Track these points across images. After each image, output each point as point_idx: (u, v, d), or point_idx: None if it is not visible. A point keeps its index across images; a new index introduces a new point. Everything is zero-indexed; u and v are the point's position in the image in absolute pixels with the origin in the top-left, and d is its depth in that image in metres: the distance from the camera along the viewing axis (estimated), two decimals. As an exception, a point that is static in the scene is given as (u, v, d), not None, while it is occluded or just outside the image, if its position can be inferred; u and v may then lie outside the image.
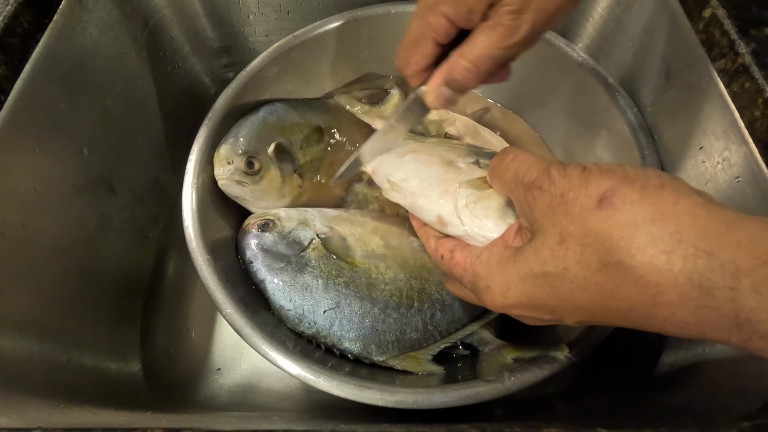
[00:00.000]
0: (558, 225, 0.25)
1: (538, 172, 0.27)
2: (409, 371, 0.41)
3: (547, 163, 0.27)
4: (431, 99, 0.34)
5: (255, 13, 0.58)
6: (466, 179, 0.34)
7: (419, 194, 0.36)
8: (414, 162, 0.39)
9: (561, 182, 0.25)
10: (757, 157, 0.33)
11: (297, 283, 0.42)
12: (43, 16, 0.40)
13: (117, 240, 0.49)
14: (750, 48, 0.34)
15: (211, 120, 0.47)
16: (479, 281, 0.29)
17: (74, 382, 0.40)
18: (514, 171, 0.29)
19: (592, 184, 0.24)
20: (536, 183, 0.26)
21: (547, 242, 0.25)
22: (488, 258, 0.29)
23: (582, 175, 0.25)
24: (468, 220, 0.32)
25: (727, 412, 0.29)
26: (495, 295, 0.28)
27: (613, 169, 0.25)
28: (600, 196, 0.24)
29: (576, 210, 0.24)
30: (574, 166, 0.26)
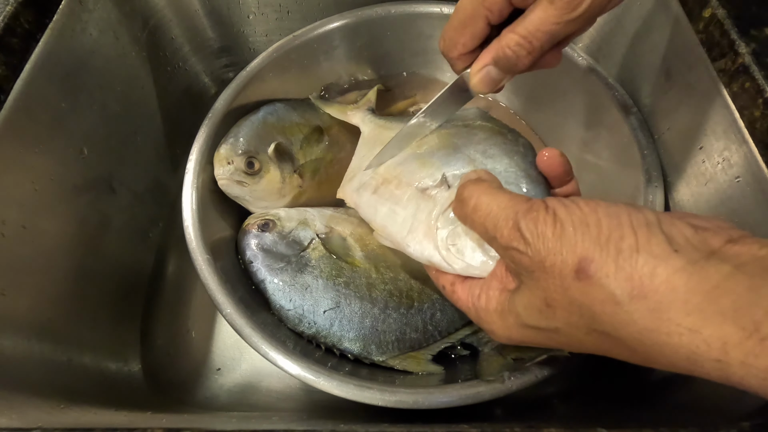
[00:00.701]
0: (542, 288, 0.25)
1: (508, 230, 0.26)
2: (409, 371, 0.40)
3: (512, 213, 0.26)
4: (476, 81, 0.31)
5: (255, 13, 0.58)
6: (440, 214, 0.33)
7: (403, 243, 0.35)
8: (387, 202, 0.37)
9: (536, 245, 0.24)
10: (757, 157, 0.33)
11: (297, 283, 0.42)
12: (43, 16, 0.40)
13: (117, 240, 0.49)
14: (750, 48, 0.34)
15: (211, 120, 0.47)
16: (483, 323, 0.29)
17: (74, 382, 0.40)
18: (481, 225, 0.28)
19: (566, 248, 0.23)
20: (511, 244, 0.25)
21: (535, 302, 0.25)
22: (487, 302, 0.29)
23: (554, 233, 0.24)
24: (454, 262, 0.31)
25: (727, 412, 0.29)
26: (500, 336, 0.29)
27: (586, 221, 0.23)
28: (576, 265, 0.23)
29: (556, 279, 0.24)
30: (543, 220, 0.24)
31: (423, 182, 0.36)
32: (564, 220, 0.24)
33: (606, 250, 0.22)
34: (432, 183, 0.36)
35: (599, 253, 0.22)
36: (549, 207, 0.25)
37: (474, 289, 0.30)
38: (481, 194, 0.28)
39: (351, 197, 0.41)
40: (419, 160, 0.38)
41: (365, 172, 0.41)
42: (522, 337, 0.27)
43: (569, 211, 0.24)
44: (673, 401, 0.36)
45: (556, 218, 0.24)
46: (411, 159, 0.38)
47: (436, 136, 0.39)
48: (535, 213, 0.25)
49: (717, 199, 0.38)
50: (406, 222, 0.35)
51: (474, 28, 0.30)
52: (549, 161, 0.33)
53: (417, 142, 0.39)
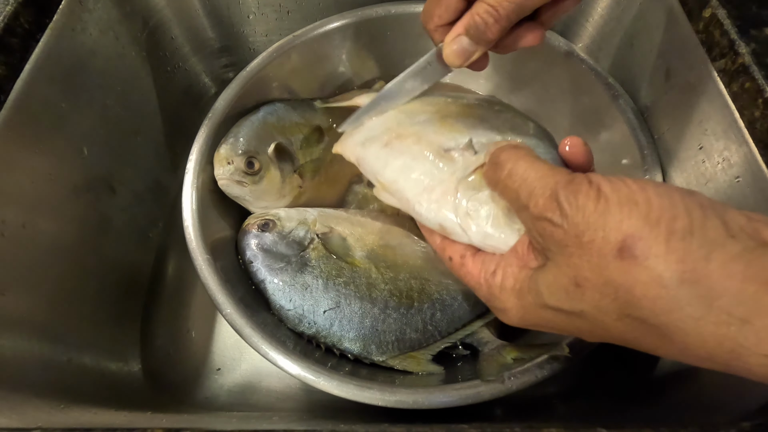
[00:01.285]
0: (573, 266, 0.23)
1: (544, 200, 0.24)
2: (409, 371, 0.40)
3: (552, 183, 0.24)
4: (449, 51, 0.32)
5: (255, 13, 0.58)
6: (463, 178, 0.31)
7: (414, 200, 0.32)
8: (401, 155, 0.34)
9: (575, 219, 0.22)
10: (757, 157, 0.33)
11: (297, 283, 0.42)
12: (43, 16, 0.40)
13: (117, 240, 0.49)
14: (750, 48, 0.34)
15: (211, 120, 0.47)
16: (495, 301, 0.28)
17: (74, 382, 0.40)
18: (514, 191, 0.26)
19: (610, 224, 0.21)
20: (545, 215, 0.23)
21: (562, 281, 0.23)
22: (503, 279, 0.27)
23: (597, 208, 0.22)
24: (472, 231, 0.29)
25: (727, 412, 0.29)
26: (512, 317, 0.27)
27: (634, 199, 0.22)
28: (620, 243, 0.21)
29: (593, 257, 0.22)
30: (585, 192, 0.22)
31: (446, 143, 0.33)
32: (609, 195, 0.22)
33: (657, 230, 0.21)
34: (456, 145, 0.33)
35: (649, 231, 0.21)
36: (593, 182, 0.23)
37: (488, 264, 0.28)
38: (519, 159, 0.26)
39: (352, 150, 0.38)
40: (442, 122, 0.35)
41: (370, 127, 0.38)
42: (537, 320, 0.26)
43: (615, 187, 0.22)
44: (673, 401, 0.36)
45: (600, 193, 0.22)
46: (432, 120, 0.35)
47: (457, 105, 0.37)
48: (576, 185, 0.23)
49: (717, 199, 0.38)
50: (422, 178, 0.32)
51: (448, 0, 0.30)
52: (572, 150, 0.31)
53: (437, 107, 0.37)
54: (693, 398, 0.35)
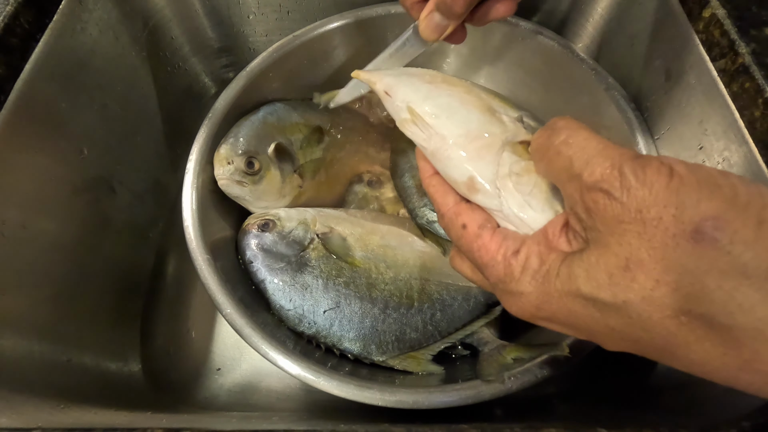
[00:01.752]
0: (626, 245, 0.19)
1: (603, 169, 0.20)
2: (409, 371, 0.41)
3: (617, 155, 0.20)
4: (423, 27, 0.33)
5: (255, 13, 0.58)
6: (511, 140, 0.28)
7: (451, 141, 0.28)
8: (447, 96, 0.31)
9: (639, 192, 0.19)
10: (757, 157, 0.33)
11: (297, 283, 0.42)
12: (43, 16, 0.40)
13: (117, 240, 0.49)
14: (750, 48, 0.34)
15: (211, 120, 0.47)
16: (511, 283, 0.24)
17: (74, 382, 0.40)
18: (567, 158, 0.22)
19: (686, 203, 0.18)
20: (601, 185, 0.20)
21: (607, 263, 0.20)
22: (527, 259, 0.23)
23: (670, 185, 0.19)
24: (508, 194, 0.26)
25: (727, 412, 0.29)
26: (525, 305, 0.23)
27: (717, 182, 0.18)
28: (696, 224, 0.18)
29: (657, 235, 0.18)
30: (656, 167, 0.19)
31: (495, 110, 0.30)
32: (685, 175, 0.19)
33: (744, 215, 0.18)
34: (505, 113, 0.30)
35: (735, 215, 0.18)
36: (664, 161, 0.19)
37: (511, 241, 0.25)
38: (580, 129, 0.23)
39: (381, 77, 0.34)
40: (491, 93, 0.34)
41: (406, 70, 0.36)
42: (556, 311, 0.22)
43: (692, 168, 0.19)
44: (673, 401, 0.36)
45: (673, 172, 0.19)
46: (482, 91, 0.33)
47: None
48: (646, 161, 0.20)
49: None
50: (467, 123, 0.29)
51: None
52: None
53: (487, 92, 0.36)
54: (693, 398, 0.35)
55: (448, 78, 0.33)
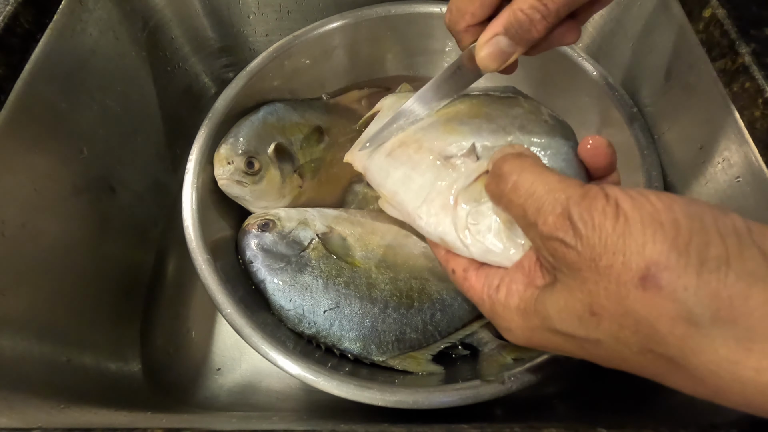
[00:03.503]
0: (587, 292, 0.20)
1: (554, 218, 0.21)
2: (409, 371, 0.40)
3: (563, 198, 0.21)
4: (484, 54, 0.27)
5: (255, 13, 0.58)
6: (463, 188, 0.29)
7: (414, 214, 0.31)
8: (402, 165, 0.33)
9: (590, 239, 0.20)
10: (757, 157, 0.33)
11: (297, 283, 0.42)
12: (43, 16, 0.40)
13: (117, 240, 0.49)
14: (750, 48, 0.34)
15: (211, 120, 0.47)
16: (499, 320, 0.26)
17: (74, 382, 0.40)
18: (520, 207, 0.23)
19: (631, 248, 0.19)
20: (556, 234, 0.21)
21: (574, 307, 0.21)
22: (507, 297, 0.25)
23: (616, 228, 0.19)
24: (473, 245, 0.27)
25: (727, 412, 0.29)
26: (517, 337, 0.25)
27: (659, 218, 0.19)
28: (642, 271, 0.18)
29: (612, 284, 0.19)
30: (602, 209, 0.20)
31: (447, 149, 0.31)
32: (629, 214, 0.19)
33: (686, 257, 0.18)
34: (458, 151, 0.31)
35: (677, 259, 0.18)
36: (610, 196, 0.20)
37: (492, 278, 0.26)
38: (523, 171, 0.24)
39: (360, 160, 0.37)
40: (446, 125, 0.33)
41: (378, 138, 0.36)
42: (545, 343, 0.24)
43: (636, 204, 0.20)
44: (673, 401, 0.36)
45: (618, 210, 0.20)
46: (435, 124, 0.33)
47: (465, 103, 0.34)
48: (591, 200, 0.20)
49: (717, 199, 0.38)
50: (422, 190, 0.31)
51: None
52: (593, 151, 0.28)
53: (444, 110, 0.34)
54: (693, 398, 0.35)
55: (404, 136, 0.34)
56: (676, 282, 0.18)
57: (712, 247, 0.18)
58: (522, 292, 0.24)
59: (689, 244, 0.18)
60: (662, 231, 0.19)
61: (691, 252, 0.18)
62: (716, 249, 0.18)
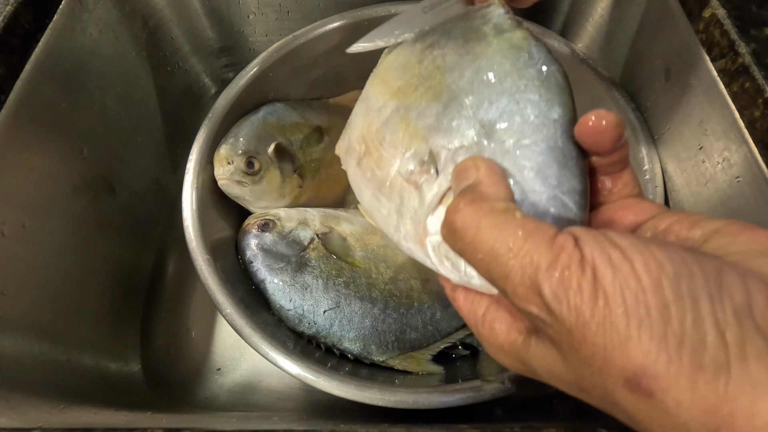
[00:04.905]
0: (572, 371, 0.18)
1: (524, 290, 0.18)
2: (409, 371, 0.41)
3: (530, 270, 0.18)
4: None
5: (255, 13, 0.58)
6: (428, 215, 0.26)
7: (393, 238, 0.28)
8: (370, 184, 0.30)
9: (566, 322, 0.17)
10: (757, 157, 0.33)
11: (297, 283, 0.42)
12: (43, 16, 0.40)
13: (117, 240, 0.49)
14: (750, 48, 0.34)
15: (211, 120, 0.47)
16: (484, 343, 0.24)
17: (74, 382, 0.40)
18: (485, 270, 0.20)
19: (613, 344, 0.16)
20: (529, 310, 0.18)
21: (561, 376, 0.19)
22: (490, 334, 0.23)
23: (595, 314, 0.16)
24: (452, 273, 0.25)
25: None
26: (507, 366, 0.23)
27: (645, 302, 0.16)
28: (629, 374, 0.16)
29: (596, 375, 0.17)
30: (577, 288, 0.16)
31: (407, 164, 0.27)
32: (610, 294, 0.16)
33: (678, 363, 0.15)
34: (416, 166, 0.26)
35: (667, 365, 0.15)
36: (586, 261, 0.17)
37: (477, 305, 0.24)
38: (481, 225, 0.20)
39: (343, 159, 0.34)
40: (404, 121, 0.28)
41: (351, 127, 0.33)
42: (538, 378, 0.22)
43: (618, 279, 0.16)
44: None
45: (597, 286, 0.16)
46: (395, 117, 0.29)
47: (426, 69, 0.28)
48: (563, 272, 0.17)
49: (717, 199, 0.38)
50: (390, 217, 0.28)
51: None
52: (595, 133, 0.23)
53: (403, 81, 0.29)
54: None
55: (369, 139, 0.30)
56: (667, 394, 0.15)
57: (710, 347, 0.15)
58: (505, 334, 0.22)
59: (682, 344, 0.15)
60: (649, 322, 0.15)
61: (684, 355, 0.15)
62: (714, 349, 0.15)
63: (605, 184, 0.25)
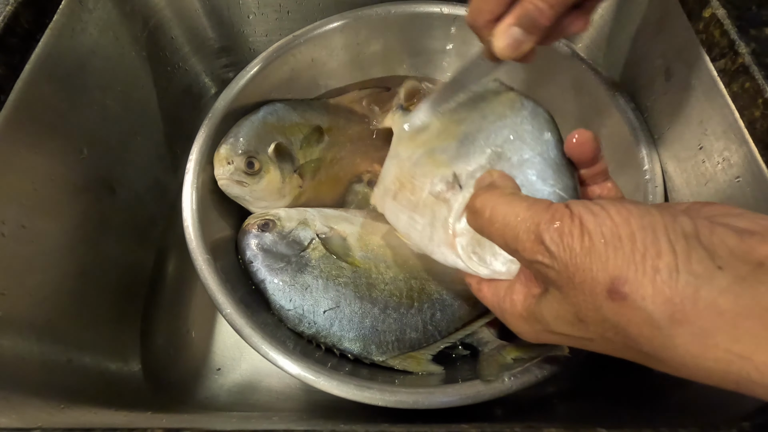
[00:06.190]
0: (571, 303, 0.23)
1: (531, 244, 0.24)
2: (409, 371, 0.41)
3: (533, 225, 0.24)
4: (501, 43, 0.30)
5: (255, 13, 0.58)
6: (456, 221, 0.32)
7: (427, 250, 0.35)
8: (406, 209, 0.36)
9: (563, 259, 0.23)
10: (757, 157, 0.33)
11: (297, 283, 0.42)
12: (43, 16, 0.40)
13: (117, 240, 0.49)
14: (750, 48, 0.34)
15: (211, 120, 0.47)
16: (510, 325, 0.29)
17: (74, 382, 0.40)
18: (500, 238, 0.26)
19: (597, 265, 0.22)
20: (535, 258, 0.24)
21: (565, 315, 0.24)
22: (511, 306, 0.29)
23: (583, 247, 0.22)
24: (479, 270, 0.31)
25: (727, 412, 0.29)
26: (527, 338, 0.29)
27: (618, 234, 0.21)
28: (608, 285, 0.21)
29: (587, 296, 0.22)
30: (569, 232, 0.23)
31: (435, 186, 0.35)
32: (593, 232, 0.22)
33: (642, 269, 0.20)
34: (444, 186, 0.34)
35: (634, 272, 0.21)
36: (574, 215, 0.23)
37: (499, 290, 0.30)
38: (495, 204, 0.27)
39: (378, 203, 0.41)
40: (430, 158, 0.36)
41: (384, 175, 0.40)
42: (551, 340, 0.27)
43: (598, 221, 0.22)
44: (672, 401, 0.36)
45: (583, 229, 0.22)
46: (423, 158, 0.36)
47: (442, 124, 0.37)
48: (558, 223, 0.23)
49: (717, 199, 0.38)
50: (425, 231, 0.35)
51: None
52: (579, 146, 0.31)
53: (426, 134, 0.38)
54: (693, 398, 0.35)
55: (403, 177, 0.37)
56: (635, 293, 0.20)
57: (664, 256, 0.20)
58: (522, 302, 0.28)
59: (645, 256, 0.21)
60: (620, 246, 0.21)
61: (647, 263, 0.21)
62: (667, 258, 0.20)
63: (594, 191, 0.33)
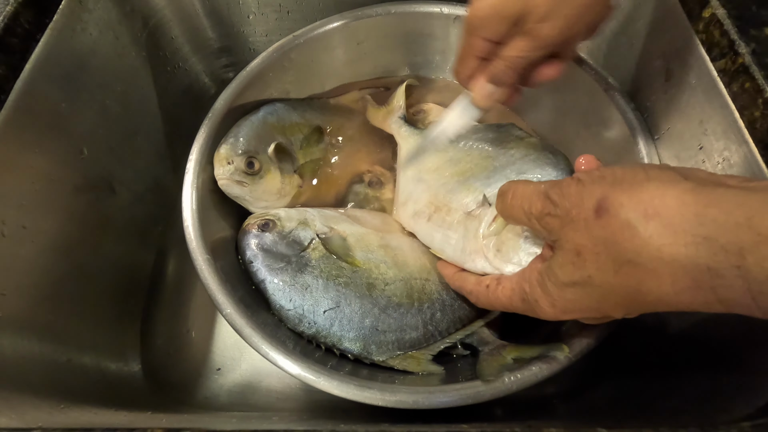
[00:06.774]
0: (571, 241, 0.27)
1: (540, 201, 0.29)
2: (409, 371, 0.40)
3: (543, 189, 0.30)
4: (477, 96, 0.39)
5: (255, 13, 0.58)
6: (486, 229, 0.38)
7: (460, 262, 0.40)
8: (440, 228, 0.42)
9: (563, 203, 0.28)
10: (757, 157, 0.33)
11: (297, 283, 0.42)
12: (43, 16, 0.40)
13: (117, 240, 0.49)
14: (750, 48, 0.34)
15: (211, 120, 0.47)
16: (528, 297, 0.31)
17: (74, 382, 0.40)
18: (519, 208, 0.31)
19: (586, 196, 0.26)
20: (544, 210, 0.29)
21: (568, 257, 0.27)
22: (530, 275, 0.31)
23: (576, 189, 0.27)
24: (504, 266, 0.36)
25: (727, 412, 0.29)
26: (545, 307, 0.30)
27: (603, 175, 0.27)
28: (596, 206, 0.26)
29: (581, 224, 0.26)
30: (567, 183, 0.28)
31: (468, 206, 0.41)
32: (584, 179, 0.27)
33: (620, 187, 0.25)
34: (476, 206, 0.41)
35: (613, 190, 0.25)
36: (573, 176, 0.29)
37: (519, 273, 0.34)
38: (516, 186, 0.32)
39: (408, 223, 0.46)
40: (464, 185, 0.43)
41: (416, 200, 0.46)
42: (564, 302, 0.29)
43: (590, 173, 0.28)
44: (672, 401, 0.36)
45: (578, 180, 0.28)
46: (457, 186, 0.43)
47: (475, 159, 0.45)
48: (560, 181, 0.29)
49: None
50: (458, 244, 0.40)
51: (469, 62, 0.38)
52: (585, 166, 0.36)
53: (459, 167, 0.45)
54: (692, 398, 0.35)
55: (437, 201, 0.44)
56: (615, 203, 0.25)
57: (639, 174, 0.25)
58: (538, 267, 0.31)
59: (623, 180, 0.26)
60: (604, 179, 0.27)
61: (624, 183, 0.26)
62: (641, 176, 0.25)
63: None
